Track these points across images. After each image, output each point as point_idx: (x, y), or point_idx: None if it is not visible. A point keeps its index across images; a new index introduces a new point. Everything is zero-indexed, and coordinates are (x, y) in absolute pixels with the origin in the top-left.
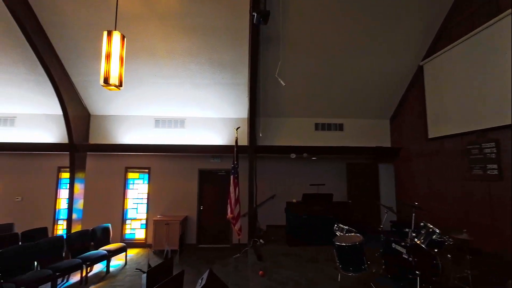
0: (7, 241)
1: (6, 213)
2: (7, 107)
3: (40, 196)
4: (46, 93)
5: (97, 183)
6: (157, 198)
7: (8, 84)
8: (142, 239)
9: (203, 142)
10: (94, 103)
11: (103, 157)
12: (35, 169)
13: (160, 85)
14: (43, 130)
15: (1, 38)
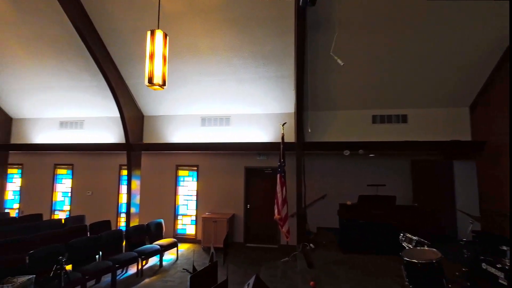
0: (78, 232)
1: (79, 205)
2: (76, 111)
3: (106, 191)
4: (107, 97)
5: (151, 180)
6: (205, 195)
7: (76, 90)
8: (192, 234)
9: (249, 139)
10: (146, 104)
11: (156, 155)
12: (101, 167)
13: (204, 83)
14: (106, 131)
15: (68, 48)
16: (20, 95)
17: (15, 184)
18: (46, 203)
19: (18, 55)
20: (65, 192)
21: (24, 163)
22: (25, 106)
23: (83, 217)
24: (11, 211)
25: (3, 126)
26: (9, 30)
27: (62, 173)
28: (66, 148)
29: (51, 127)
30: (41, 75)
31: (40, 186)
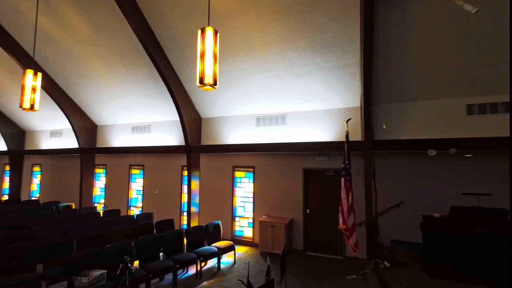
0: (146, 230)
1: (149, 203)
2: (144, 117)
3: (170, 190)
4: (169, 101)
5: (209, 181)
6: (262, 197)
7: (143, 97)
8: (250, 237)
9: (307, 138)
10: (203, 106)
11: (213, 157)
12: (166, 167)
13: (258, 80)
14: (169, 134)
15: (135, 59)
16: (101, 105)
17: (101, 182)
18: (124, 200)
19: (97, 69)
20: (138, 190)
21: (107, 163)
22: (104, 114)
23: (151, 215)
24: (98, 205)
25: (91, 132)
26: (90, 47)
27: (135, 173)
28: (137, 151)
29: (125, 132)
30: (114, 86)
31: (119, 184)
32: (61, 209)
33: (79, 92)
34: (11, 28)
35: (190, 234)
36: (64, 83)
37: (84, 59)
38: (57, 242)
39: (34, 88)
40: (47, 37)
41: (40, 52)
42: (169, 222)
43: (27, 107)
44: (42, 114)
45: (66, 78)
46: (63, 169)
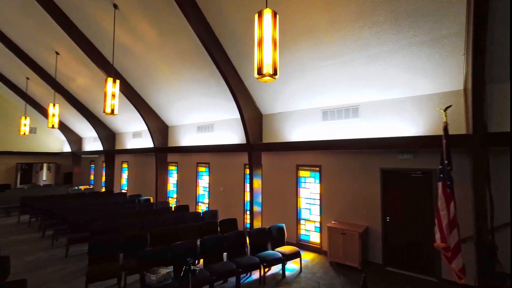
0: (211, 228)
1: (214, 200)
2: (208, 116)
3: (233, 188)
4: (230, 99)
5: (272, 180)
6: (330, 200)
7: (206, 96)
8: (317, 243)
9: (385, 133)
10: (264, 102)
11: (275, 155)
12: (229, 165)
13: (324, 69)
14: (231, 132)
15: (197, 59)
16: (170, 106)
17: (174, 178)
18: (192, 195)
19: (165, 73)
20: (205, 187)
21: (178, 161)
22: (173, 115)
23: (216, 213)
24: (172, 199)
25: (163, 132)
26: (158, 53)
27: (202, 170)
28: (202, 150)
29: (191, 131)
30: (180, 87)
31: (188, 180)
32: (142, 202)
33: (152, 96)
34: (96, 41)
35: (253, 236)
36: (140, 88)
37: (154, 65)
38: (135, 235)
39: (114, 95)
40: (124, 47)
41: (118, 61)
42: (233, 221)
43: (108, 112)
44: (126, 117)
45: (141, 83)
46: (143, 166)
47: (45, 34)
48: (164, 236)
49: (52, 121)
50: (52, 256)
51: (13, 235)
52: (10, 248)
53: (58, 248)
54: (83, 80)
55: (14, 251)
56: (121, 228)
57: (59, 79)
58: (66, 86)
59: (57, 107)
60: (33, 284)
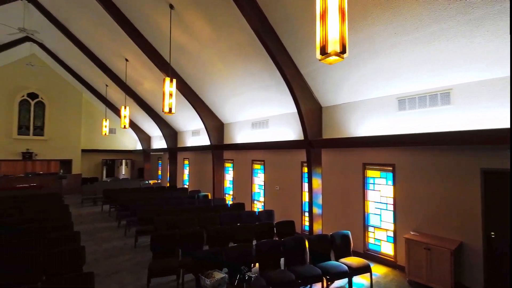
0: (267, 230)
1: (270, 199)
2: (262, 112)
3: (290, 188)
4: (284, 92)
5: (333, 181)
6: (407, 206)
7: (259, 91)
8: (390, 255)
9: (488, 123)
10: (324, 93)
11: (337, 152)
12: (285, 163)
13: (402, 45)
14: (287, 128)
15: (251, 51)
16: (224, 104)
17: (230, 175)
18: (248, 193)
19: (219, 69)
20: (260, 185)
21: (234, 158)
22: (228, 112)
23: (272, 213)
24: (228, 196)
25: (219, 130)
26: (213, 49)
27: (257, 168)
28: (256, 147)
29: (246, 128)
30: (233, 83)
31: (244, 178)
32: (201, 198)
33: (208, 94)
34: (156, 43)
35: (313, 243)
36: (196, 87)
37: (209, 61)
38: (193, 233)
39: (171, 94)
40: (180, 46)
41: (176, 61)
42: (290, 224)
43: (167, 111)
44: (185, 116)
45: (197, 82)
46: (202, 163)
47: (116, 43)
48: (220, 235)
49: (124, 122)
50: (124, 245)
51: (96, 223)
52: (94, 235)
53: (129, 238)
54: (148, 83)
55: (96, 237)
56: (180, 224)
57: (129, 83)
58: (135, 89)
59: (127, 109)
60: (106, 272)
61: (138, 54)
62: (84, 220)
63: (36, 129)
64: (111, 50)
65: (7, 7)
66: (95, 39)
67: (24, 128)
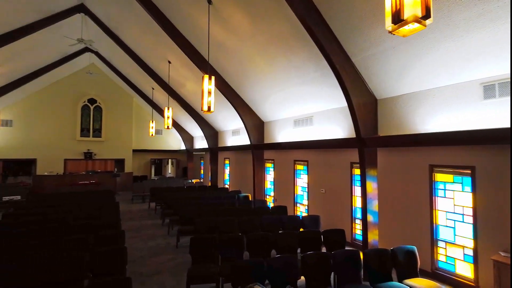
0: (313, 240)
1: (314, 202)
2: (305, 108)
3: (338, 191)
4: (332, 85)
5: (391, 185)
6: (492, 219)
7: (303, 85)
8: (469, 278)
9: None
10: (380, 83)
11: (395, 152)
12: (332, 164)
13: (493, 15)
14: (335, 125)
15: (293, 41)
16: (264, 101)
17: (271, 176)
18: (290, 195)
19: (258, 64)
20: (303, 187)
21: (274, 158)
22: (268, 110)
23: (317, 218)
24: (269, 197)
25: (259, 129)
26: (252, 42)
27: (300, 169)
28: (299, 146)
29: (287, 126)
30: (275, 77)
31: (285, 179)
32: (241, 199)
33: (247, 92)
34: (195, 42)
35: (370, 258)
36: (235, 85)
37: (248, 57)
38: (233, 239)
39: (210, 92)
40: (218, 43)
41: (214, 58)
42: (340, 233)
43: (205, 110)
44: (225, 116)
45: (236, 79)
46: (242, 163)
47: (160, 46)
48: (261, 242)
49: (167, 123)
50: (167, 244)
51: (144, 220)
52: (140, 232)
53: (172, 237)
54: (189, 84)
55: (142, 234)
56: (220, 226)
57: (172, 85)
58: (178, 91)
59: (170, 110)
60: (150, 271)
61: (179, 56)
62: (134, 217)
63: (95, 131)
64: (155, 53)
65: (68, 21)
66: (142, 45)
67: (85, 130)
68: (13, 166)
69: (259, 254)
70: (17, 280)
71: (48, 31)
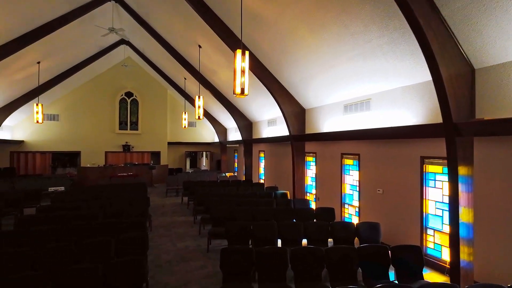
0: (375, 254)
1: (368, 205)
2: (361, 89)
3: (402, 193)
4: (403, 54)
5: (494, 190)
6: None
7: (359, 59)
8: None
9: None
10: (482, 45)
11: (501, 143)
12: (393, 158)
13: None
14: (402, 109)
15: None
16: (307, 84)
17: (312, 171)
18: (336, 194)
19: (302, 35)
20: (353, 185)
21: (317, 151)
22: (312, 95)
23: (377, 227)
24: (310, 195)
25: (299, 117)
26: (293, 10)
27: (349, 164)
28: (350, 136)
29: (335, 113)
30: (322, 53)
31: (330, 175)
32: (279, 197)
33: (286, 74)
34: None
35: None
36: (272, 66)
37: (289, 29)
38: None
39: (243, 70)
40: (253, 15)
41: (248, 36)
42: (414, 251)
43: (238, 92)
44: (260, 105)
45: (273, 59)
46: (279, 156)
47: (190, 29)
48: (308, 259)
49: (198, 112)
50: (197, 247)
51: (175, 216)
52: (170, 230)
53: (203, 238)
54: (222, 71)
55: (172, 233)
56: (256, 232)
57: (203, 72)
58: (209, 79)
59: (201, 99)
60: (177, 282)
61: (209, 38)
62: (166, 211)
63: (132, 124)
64: (185, 38)
65: (100, 11)
66: (172, 30)
67: (123, 123)
68: (62, 157)
69: (307, 274)
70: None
71: (82, 24)
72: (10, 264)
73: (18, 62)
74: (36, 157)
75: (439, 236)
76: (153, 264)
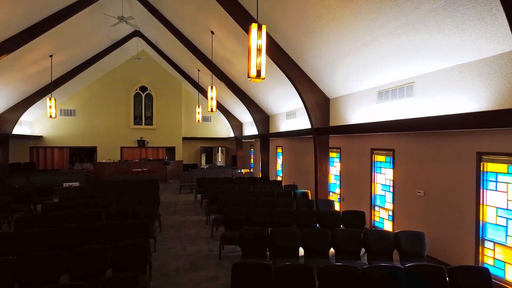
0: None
1: (406, 208)
2: (401, 71)
3: (451, 196)
4: (464, 22)
5: None
6: None
7: (399, 31)
8: None
9: None
10: None
11: None
12: (440, 155)
13: None
14: (458, 93)
15: None
16: (333, 69)
17: (335, 168)
18: (364, 195)
19: (330, 10)
20: (385, 185)
21: (341, 146)
22: (338, 81)
23: (421, 237)
24: (334, 195)
25: (322, 108)
26: None
27: (380, 161)
28: (384, 128)
29: (367, 102)
30: (354, 30)
31: (358, 173)
32: (299, 197)
33: (309, 59)
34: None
35: None
36: (293, 50)
37: (314, 8)
38: (297, 270)
39: (260, 49)
40: None
41: (266, 15)
42: (481, 274)
43: (253, 75)
44: (278, 96)
45: (294, 42)
46: (298, 152)
47: (201, 13)
48: (343, 280)
49: (211, 105)
50: (209, 252)
51: (188, 214)
52: (182, 231)
53: (216, 241)
54: (236, 60)
55: (183, 235)
56: (275, 240)
57: (216, 61)
58: (223, 69)
59: (214, 90)
60: None
61: (222, 22)
62: (178, 210)
63: (147, 119)
64: (197, 25)
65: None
66: (183, 16)
67: (138, 118)
68: (80, 152)
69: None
70: None
71: (92, 15)
72: None
73: (30, 55)
74: (54, 152)
75: (502, 250)
76: (159, 272)
